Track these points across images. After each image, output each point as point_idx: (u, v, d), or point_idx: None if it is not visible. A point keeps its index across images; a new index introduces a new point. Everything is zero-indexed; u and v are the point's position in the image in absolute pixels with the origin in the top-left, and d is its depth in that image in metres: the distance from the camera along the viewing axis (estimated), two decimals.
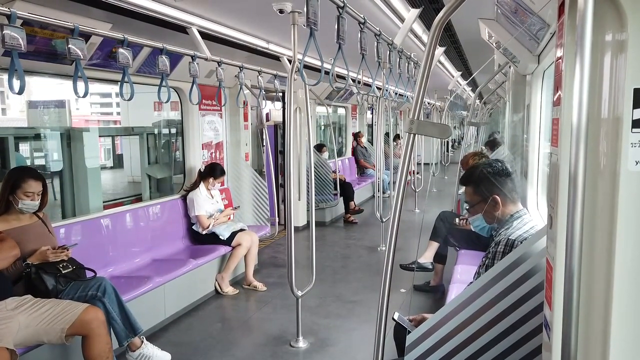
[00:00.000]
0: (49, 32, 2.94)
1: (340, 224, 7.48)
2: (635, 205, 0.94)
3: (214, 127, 5.21)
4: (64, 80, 3.52)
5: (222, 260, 4.52)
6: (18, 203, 2.84)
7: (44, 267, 2.79)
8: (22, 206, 2.85)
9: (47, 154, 6.05)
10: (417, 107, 1.46)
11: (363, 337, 3.53)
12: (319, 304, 4.14)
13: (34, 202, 2.88)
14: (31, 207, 2.89)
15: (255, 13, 3.68)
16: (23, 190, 2.84)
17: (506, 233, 2.06)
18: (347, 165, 9.40)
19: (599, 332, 0.99)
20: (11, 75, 2.25)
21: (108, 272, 3.64)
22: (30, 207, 2.88)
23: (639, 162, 0.93)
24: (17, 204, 2.84)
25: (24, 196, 2.84)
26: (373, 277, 4.84)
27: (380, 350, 1.55)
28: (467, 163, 4.40)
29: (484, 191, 2.17)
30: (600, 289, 0.99)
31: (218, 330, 3.72)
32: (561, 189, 1.02)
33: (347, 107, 9.97)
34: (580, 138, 0.90)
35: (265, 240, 6.00)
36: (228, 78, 4.59)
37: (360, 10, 3.03)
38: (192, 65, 3.68)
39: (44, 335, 2.53)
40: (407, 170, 1.51)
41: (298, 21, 2.84)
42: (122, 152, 10.00)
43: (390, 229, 1.51)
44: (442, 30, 1.43)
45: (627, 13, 0.90)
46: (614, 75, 0.94)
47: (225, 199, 5.10)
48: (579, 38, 0.89)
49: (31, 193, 2.86)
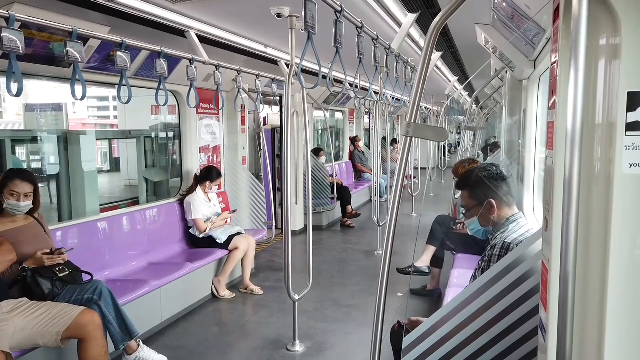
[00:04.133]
0: (47, 35, 2.94)
1: (337, 228, 7.48)
2: (630, 208, 0.95)
3: (212, 130, 5.21)
4: (61, 83, 3.52)
5: (219, 264, 4.52)
6: (4, 203, 2.83)
7: (40, 270, 2.79)
8: (7, 206, 2.84)
9: (44, 157, 6.04)
10: (414, 111, 1.47)
11: (360, 341, 3.53)
12: (316, 308, 4.14)
13: (19, 202, 2.84)
14: (16, 208, 2.85)
15: (254, 17, 3.69)
16: (8, 190, 2.83)
17: (502, 236, 2.07)
18: (345, 169, 9.41)
19: (594, 334, 1.00)
20: (9, 78, 2.25)
21: (104, 276, 3.63)
22: (14, 207, 2.84)
23: (633, 165, 0.93)
24: (4, 204, 2.84)
25: (9, 196, 2.83)
26: (370, 281, 4.84)
27: (377, 354, 1.55)
28: (457, 172, 4.40)
29: (480, 195, 2.18)
30: (595, 291, 0.99)
31: (215, 334, 3.71)
32: (556, 192, 1.03)
33: (344, 112, 9.99)
34: (575, 141, 0.91)
35: (263, 244, 6.00)
36: (226, 82, 4.59)
37: (358, 14, 3.05)
38: (190, 68, 3.68)
39: (39, 339, 2.52)
40: (404, 174, 1.51)
41: (296, 25, 2.86)
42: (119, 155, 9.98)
43: (386, 233, 1.51)
44: (438, 35, 1.44)
45: (621, 18, 0.91)
46: (608, 79, 0.95)
47: (223, 203, 5.10)
48: (573, 43, 0.90)
49: (16, 193, 2.83)
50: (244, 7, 3.43)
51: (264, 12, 2.99)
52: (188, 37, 3.74)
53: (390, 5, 3.44)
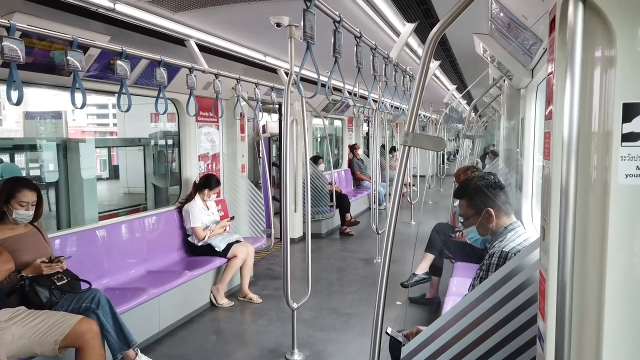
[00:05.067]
0: (47, 44, 2.96)
1: (336, 236, 7.47)
2: (626, 217, 0.95)
3: (211, 138, 5.22)
4: (61, 91, 3.53)
5: (218, 272, 4.50)
6: (12, 213, 2.83)
7: (38, 279, 2.78)
8: (17, 216, 2.84)
9: (43, 165, 6.04)
10: (412, 120, 1.48)
11: (358, 350, 3.51)
12: (315, 316, 4.13)
13: (28, 212, 2.88)
14: (25, 217, 2.88)
15: (253, 26, 3.71)
16: (17, 200, 2.84)
17: (500, 245, 2.07)
18: (344, 177, 9.42)
19: (591, 343, 1.00)
20: (9, 87, 2.26)
21: (103, 284, 3.62)
22: (24, 217, 2.88)
23: (628, 176, 0.94)
24: (12, 214, 2.84)
25: (18, 206, 2.84)
26: (369, 290, 4.83)
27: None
28: (459, 177, 4.43)
29: (478, 204, 2.18)
30: (593, 301, 0.99)
31: (213, 343, 3.70)
32: (553, 202, 1.03)
33: (343, 120, 10.01)
34: (571, 151, 0.92)
35: (261, 252, 5.98)
36: (225, 90, 4.61)
37: (357, 24, 3.07)
38: (190, 77, 3.70)
39: (37, 347, 2.51)
40: (402, 182, 1.52)
41: (295, 35, 2.87)
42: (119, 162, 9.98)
43: (385, 241, 1.51)
44: (437, 44, 1.45)
45: (616, 29, 0.92)
46: (604, 90, 0.96)
47: (221, 211, 5.09)
48: (569, 54, 0.91)
49: (25, 203, 2.86)
50: (243, 17, 3.45)
51: (264, 21, 3.01)
52: (188, 45, 3.76)
53: (388, 15, 3.46)
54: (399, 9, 3.43)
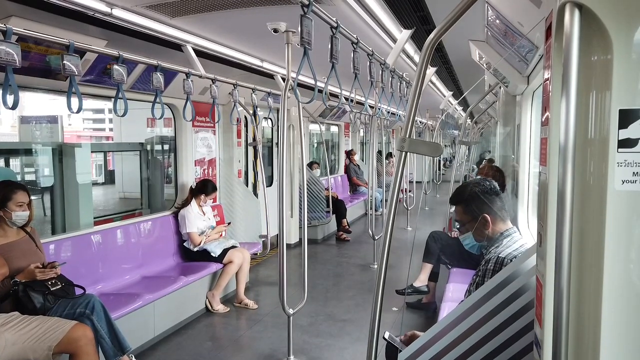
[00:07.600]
0: (44, 48, 2.95)
1: (332, 242, 7.46)
2: (623, 223, 0.95)
3: (207, 143, 5.22)
4: (57, 95, 3.52)
5: (213, 278, 4.48)
6: (11, 216, 2.84)
7: (31, 284, 2.76)
8: (16, 218, 2.86)
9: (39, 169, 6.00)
10: (409, 126, 1.48)
11: (355, 356, 3.50)
12: (311, 322, 4.11)
13: (26, 212, 2.92)
14: (24, 218, 2.91)
15: (250, 32, 3.72)
16: (15, 202, 2.87)
17: (496, 251, 2.07)
18: (340, 182, 9.42)
19: (588, 349, 1.00)
20: (5, 91, 2.25)
21: (97, 289, 3.60)
22: (23, 217, 2.90)
23: (625, 182, 0.94)
24: (10, 217, 2.85)
25: (16, 207, 2.86)
26: (365, 295, 4.82)
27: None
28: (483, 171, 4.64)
29: (474, 210, 2.18)
30: (590, 307, 0.99)
31: (208, 349, 3.67)
32: (550, 208, 1.03)
33: (340, 125, 10.03)
34: (567, 158, 0.92)
35: (257, 258, 5.97)
36: (222, 95, 4.61)
37: (354, 30, 3.08)
38: (187, 82, 3.70)
39: (30, 353, 2.48)
40: (399, 188, 1.52)
41: (292, 40, 2.88)
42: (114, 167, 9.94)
43: (382, 246, 1.51)
44: (433, 50, 1.45)
45: (612, 36, 0.93)
46: (600, 97, 0.97)
47: (218, 216, 5.08)
48: (565, 60, 0.92)
49: (22, 203, 2.90)
50: (240, 22, 3.46)
51: (261, 27, 3.02)
52: (185, 50, 3.76)
53: (385, 22, 3.48)
54: (395, 16, 3.45)
